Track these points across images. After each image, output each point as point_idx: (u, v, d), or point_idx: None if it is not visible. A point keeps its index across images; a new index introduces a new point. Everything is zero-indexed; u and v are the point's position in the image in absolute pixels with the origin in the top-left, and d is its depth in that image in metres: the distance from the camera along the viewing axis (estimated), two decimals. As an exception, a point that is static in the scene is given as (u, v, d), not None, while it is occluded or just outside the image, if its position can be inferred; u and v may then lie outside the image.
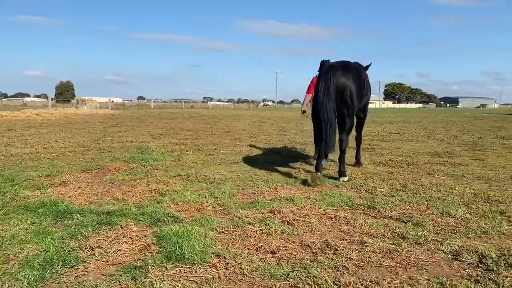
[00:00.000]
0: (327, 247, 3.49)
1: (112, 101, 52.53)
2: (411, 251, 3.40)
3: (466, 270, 3.06)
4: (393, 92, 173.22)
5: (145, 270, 2.96)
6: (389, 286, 2.78)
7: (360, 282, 2.83)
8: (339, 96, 5.92)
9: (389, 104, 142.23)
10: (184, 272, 2.96)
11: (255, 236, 3.72)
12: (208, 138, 12.78)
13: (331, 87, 5.84)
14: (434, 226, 4.02)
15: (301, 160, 8.32)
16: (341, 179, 6.19)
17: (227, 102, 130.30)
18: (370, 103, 7.77)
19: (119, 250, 3.36)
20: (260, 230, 3.87)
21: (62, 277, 2.87)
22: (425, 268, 3.09)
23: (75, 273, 2.94)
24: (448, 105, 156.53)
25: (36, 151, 8.89)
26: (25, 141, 10.89)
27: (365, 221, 4.16)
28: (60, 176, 6.20)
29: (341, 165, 6.32)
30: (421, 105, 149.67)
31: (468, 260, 3.22)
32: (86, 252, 3.28)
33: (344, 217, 4.29)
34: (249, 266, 3.09)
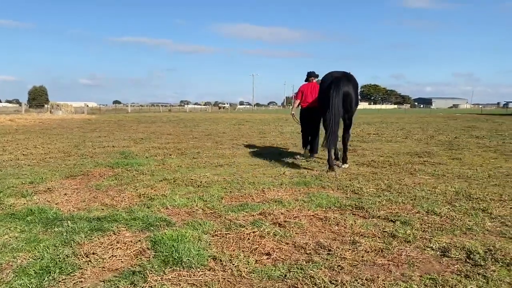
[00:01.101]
0: (321, 247, 3.56)
1: (88, 106, 51.66)
2: (401, 249, 3.51)
3: (456, 266, 3.18)
4: (368, 94, 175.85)
5: (144, 275, 2.97)
6: (384, 283, 2.87)
7: (356, 280, 2.91)
8: (343, 99, 7.35)
9: (365, 105, 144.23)
10: (183, 276, 2.98)
11: (249, 239, 3.76)
12: (189, 141, 12.75)
13: (340, 92, 7.25)
14: (421, 224, 4.15)
15: (284, 161, 8.39)
16: (343, 166, 7.73)
17: (204, 105, 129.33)
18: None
19: (115, 256, 3.35)
20: (253, 232, 3.91)
21: (61, 284, 2.85)
22: (416, 265, 3.20)
23: (73, 280, 2.92)
24: (422, 105, 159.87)
25: (16, 158, 8.71)
26: (2, 148, 10.65)
27: (354, 221, 4.25)
28: (44, 183, 6.10)
29: (344, 154, 7.87)
30: (396, 106, 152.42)
31: (457, 256, 3.35)
32: (82, 259, 3.26)
33: (334, 218, 4.38)
34: (246, 268, 3.13)
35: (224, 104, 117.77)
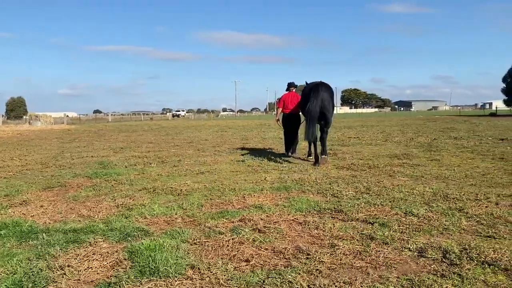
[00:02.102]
0: (299, 252, 3.56)
1: (67, 116, 50.96)
2: (379, 251, 3.53)
3: (432, 266, 3.22)
4: (349, 98, 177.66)
5: (119, 286, 2.92)
6: (361, 286, 2.88)
7: (334, 284, 2.92)
8: (321, 104, 8.54)
9: (346, 109, 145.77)
10: (160, 286, 2.94)
11: (228, 246, 3.74)
12: (171, 149, 12.66)
13: (318, 98, 8.50)
14: (399, 226, 4.19)
15: (265, 167, 8.39)
16: (323, 156, 8.69)
17: (186, 112, 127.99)
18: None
19: (90, 267, 3.29)
20: (232, 239, 3.90)
21: (33, 299, 2.78)
22: (394, 266, 3.22)
23: (46, 294, 2.85)
24: (402, 108, 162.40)
25: (-9, 171, 8.51)
26: (-23, 160, 10.39)
27: (333, 224, 4.27)
28: (20, 196, 5.98)
29: (323, 148, 8.87)
30: (377, 109, 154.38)
31: (433, 256, 3.38)
32: (56, 272, 3.19)
33: (313, 222, 4.39)
34: (224, 275, 3.11)
35: (179, 111, 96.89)
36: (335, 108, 9.90)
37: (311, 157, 9.26)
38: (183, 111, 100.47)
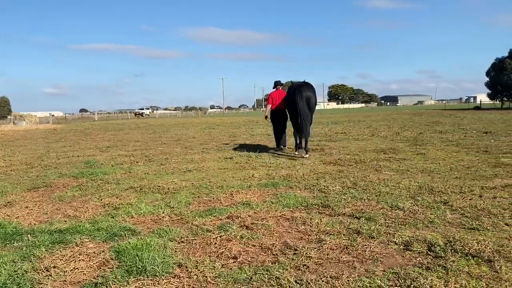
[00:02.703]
0: (287, 248, 3.58)
1: (53, 115, 50.32)
2: (366, 245, 3.56)
3: (418, 259, 3.26)
4: (336, 94, 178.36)
5: (106, 286, 2.90)
6: (348, 280, 2.90)
7: (321, 278, 2.93)
8: (307, 102, 9.29)
9: (333, 105, 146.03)
10: (147, 285, 2.93)
11: (215, 243, 3.74)
12: (158, 148, 12.59)
13: (303, 96, 9.23)
14: (385, 220, 4.23)
15: (253, 164, 8.40)
16: (305, 156, 9.17)
17: (174, 110, 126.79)
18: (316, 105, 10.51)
19: (77, 268, 3.26)
20: (220, 236, 3.89)
21: (18, 302, 2.75)
22: (380, 260, 3.25)
23: (32, 296, 2.82)
24: (388, 103, 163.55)
25: (-26, 172, 8.37)
26: (-40, 162, 10.21)
27: (320, 219, 4.30)
28: (5, 197, 5.90)
29: (306, 145, 9.36)
30: (363, 104, 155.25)
31: (419, 249, 3.43)
32: (41, 273, 3.16)
33: (300, 218, 4.41)
34: (212, 273, 3.11)
35: (143, 109, 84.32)
36: (324, 103, 10.95)
37: (298, 152, 9.61)
38: (148, 109, 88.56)
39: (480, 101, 63.41)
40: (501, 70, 52.44)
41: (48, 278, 3.09)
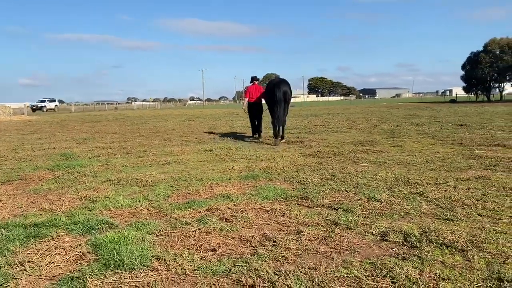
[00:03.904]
0: (266, 239, 3.60)
1: (28, 107, 49.08)
2: (343, 236, 3.61)
3: (394, 249, 3.32)
4: (316, 86, 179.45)
5: (83, 280, 2.86)
6: (326, 271, 2.93)
7: (299, 269, 2.96)
8: (283, 95, 10.64)
9: (313, 97, 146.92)
10: (125, 278, 2.90)
11: (194, 236, 3.73)
12: (136, 140, 12.44)
13: (281, 91, 10.59)
14: (363, 211, 4.29)
15: (233, 156, 8.39)
16: (282, 141, 10.72)
17: (152, 101, 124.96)
18: (296, 97, 12.40)
19: (52, 262, 3.21)
20: (199, 229, 3.88)
21: (-9, 297, 2.69)
22: (357, 251, 3.30)
23: (6, 292, 2.77)
24: (367, 96, 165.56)
25: None
26: None
27: (299, 211, 4.33)
28: (-23, 190, 5.74)
29: (283, 132, 10.98)
30: (342, 97, 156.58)
31: (395, 240, 3.49)
32: (16, 268, 3.10)
33: (280, 209, 4.44)
34: (191, 265, 3.10)
35: (44, 101, 61.10)
36: (303, 96, 12.24)
37: (275, 140, 10.60)
38: (53, 101, 64.03)
39: (456, 94, 64.76)
40: (476, 64, 53.63)
41: (23, 273, 3.03)
